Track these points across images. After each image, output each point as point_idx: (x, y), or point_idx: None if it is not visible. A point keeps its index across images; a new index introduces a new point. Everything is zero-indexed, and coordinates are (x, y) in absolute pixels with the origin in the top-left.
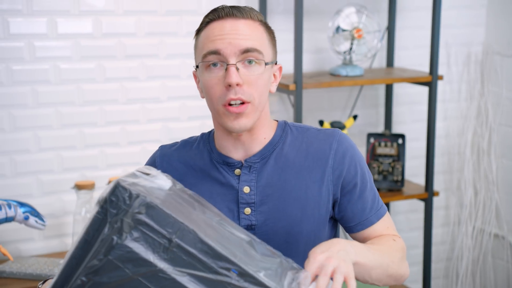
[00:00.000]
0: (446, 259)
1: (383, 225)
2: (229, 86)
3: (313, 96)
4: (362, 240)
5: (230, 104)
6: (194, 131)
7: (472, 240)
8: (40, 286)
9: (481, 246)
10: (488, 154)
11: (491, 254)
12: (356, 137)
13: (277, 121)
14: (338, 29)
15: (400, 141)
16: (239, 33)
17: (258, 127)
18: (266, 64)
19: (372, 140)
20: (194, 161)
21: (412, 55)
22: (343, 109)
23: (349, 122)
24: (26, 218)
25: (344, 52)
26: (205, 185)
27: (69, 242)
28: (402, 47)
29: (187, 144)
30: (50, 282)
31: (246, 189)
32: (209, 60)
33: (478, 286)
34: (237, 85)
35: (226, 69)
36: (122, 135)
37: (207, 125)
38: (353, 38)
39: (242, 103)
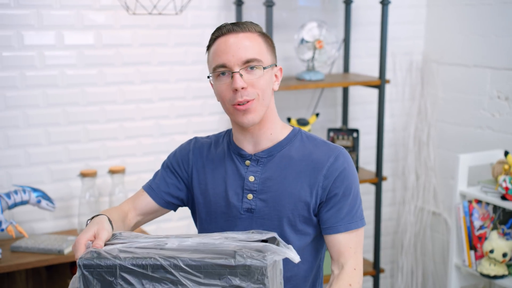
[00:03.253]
0: (393, 233)
1: (348, 240)
2: (235, 90)
3: (282, 97)
4: (330, 246)
5: (238, 104)
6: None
7: (414, 217)
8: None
9: (421, 222)
10: (427, 145)
11: (430, 228)
12: (318, 132)
13: (292, 127)
14: (302, 40)
15: (355, 134)
16: (240, 46)
17: (265, 121)
18: (264, 68)
19: (331, 134)
20: (216, 152)
21: (364, 62)
22: (307, 108)
23: (312, 119)
24: (39, 202)
25: (308, 60)
26: (221, 170)
27: (76, 221)
28: (356, 55)
29: (216, 138)
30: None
31: (251, 178)
32: (218, 71)
33: (419, 254)
34: (242, 88)
35: (232, 76)
36: (121, 130)
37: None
38: (315, 48)
39: (248, 101)
